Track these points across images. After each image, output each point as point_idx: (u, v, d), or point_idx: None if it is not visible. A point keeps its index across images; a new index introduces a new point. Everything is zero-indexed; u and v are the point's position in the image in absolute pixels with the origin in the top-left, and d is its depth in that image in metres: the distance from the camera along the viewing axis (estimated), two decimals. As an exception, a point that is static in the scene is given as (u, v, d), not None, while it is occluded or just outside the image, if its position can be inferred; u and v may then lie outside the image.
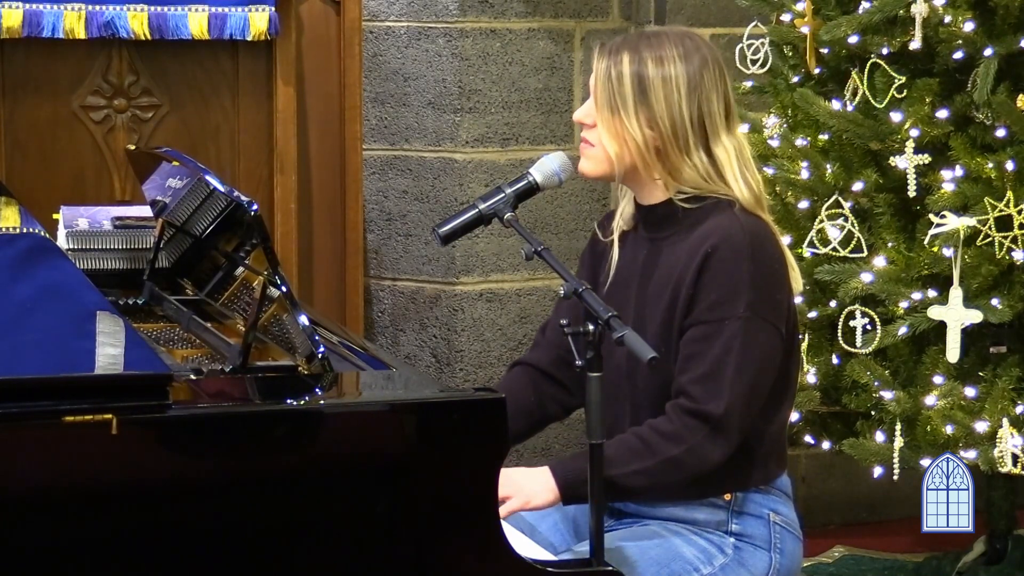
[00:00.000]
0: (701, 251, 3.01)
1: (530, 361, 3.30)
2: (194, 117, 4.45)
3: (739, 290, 2.99)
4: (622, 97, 3.05)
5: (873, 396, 4.19)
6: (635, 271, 3.14)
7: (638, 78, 3.05)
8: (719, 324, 2.99)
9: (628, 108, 3.05)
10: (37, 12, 4.25)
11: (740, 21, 4.72)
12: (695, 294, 3.01)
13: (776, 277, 3.05)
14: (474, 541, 2.68)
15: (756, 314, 2.99)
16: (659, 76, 3.05)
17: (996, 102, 4.06)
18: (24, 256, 2.97)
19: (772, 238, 3.09)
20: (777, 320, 3.03)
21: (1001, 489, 4.53)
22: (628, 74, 3.05)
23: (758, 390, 3.01)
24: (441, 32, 4.88)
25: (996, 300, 4.08)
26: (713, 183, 3.07)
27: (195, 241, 3.56)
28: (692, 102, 3.05)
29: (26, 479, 2.47)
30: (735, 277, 2.99)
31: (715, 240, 3.01)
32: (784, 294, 3.07)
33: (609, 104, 3.07)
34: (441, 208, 4.90)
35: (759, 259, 3.02)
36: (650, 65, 3.05)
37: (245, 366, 2.95)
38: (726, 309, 2.99)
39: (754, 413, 3.02)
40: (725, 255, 3.00)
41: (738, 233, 3.02)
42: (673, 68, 3.05)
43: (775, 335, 3.02)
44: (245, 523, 2.57)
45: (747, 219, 3.06)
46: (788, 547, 3.15)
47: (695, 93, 3.06)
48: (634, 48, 3.08)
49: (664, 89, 3.05)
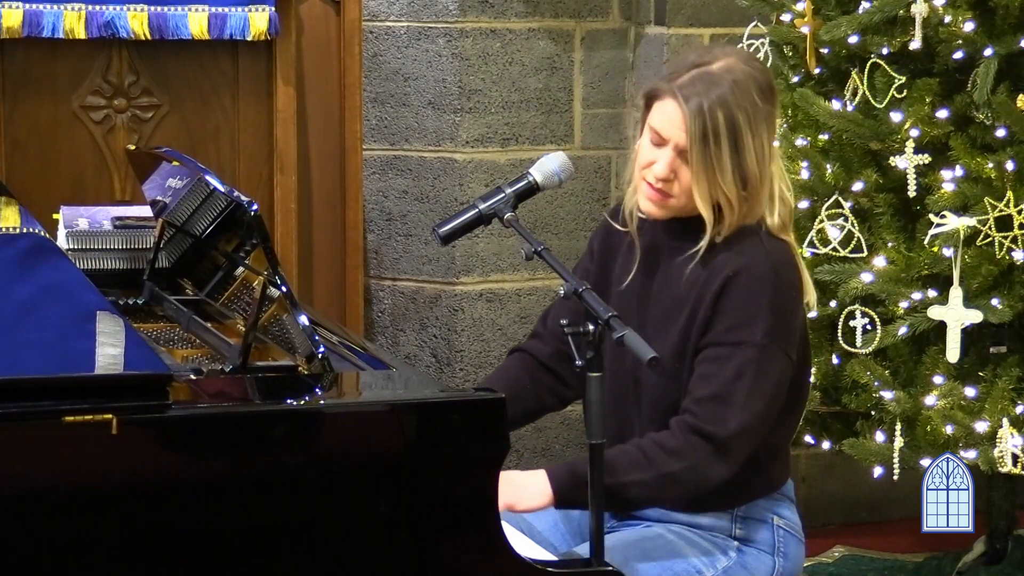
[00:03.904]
0: (723, 274, 3.00)
1: (529, 350, 3.29)
2: (194, 117, 4.45)
3: (758, 316, 2.98)
4: (720, 164, 2.98)
5: (873, 396, 4.19)
6: (649, 269, 3.13)
7: (733, 140, 2.97)
8: (734, 348, 2.98)
9: (726, 174, 2.98)
10: (37, 12, 4.25)
11: (740, 21, 4.72)
12: (713, 316, 3.00)
13: (793, 304, 3.05)
14: (474, 541, 2.68)
15: (772, 341, 2.98)
16: (749, 132, 2.97)
17: (996, 102, 4.06)
18: (24, 256, 2.97)
19: (793, 263, 3.08)
20: (790, 348, 3.03)
21: (1001, 489, 4.54)
22: (724, 136, 2.96)
23: (766, 419, 3.00)
24: (441, 32, 4.88)
25: (996, 300, 4.08)
26: (752, 215, 3.05)
27: (195, 241, 3.56)
28: (773, 148, 3.02)
29: (26, 479, 2.48)
30: (755, 303, 2.98)
31: (737, 266, 3.00)
32: (798, 320, 3.06)
33: (703, 163, 2.97)
34: (441, 208, 4.90)
35: (779, 287, 3.01)
36: (741, 123, 2.97)
37: (245, 366, 2.95)
38: (743, 333, 2.98)
39: (762, 438, 3.02)
40: (746, 280, 2.99)
41: (762, 260, 3.01)
42: (760, 117, 2.98)
43: (788, 363, 3.02)
44: (245, 523, 2.57)
45: (772, 244, 3.04)
46: (791, 551, 3.15)
47: (772, 137, 3.03)
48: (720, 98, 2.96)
49: (756, 150, 2.99)
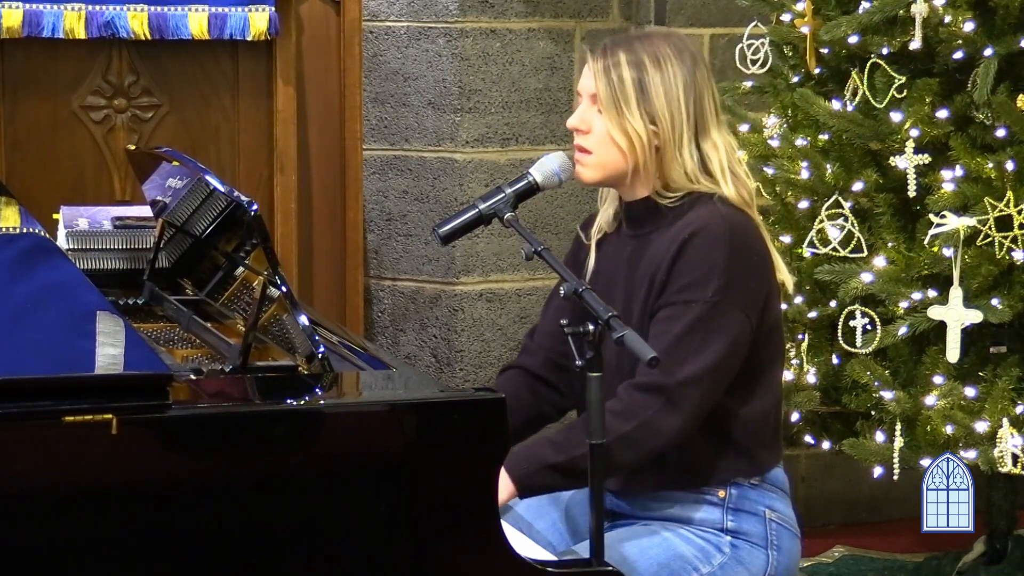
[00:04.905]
0: (679, 238, 3.04)
1: (521, 365, 3.31)
2: (194, 117, 4.45)
3: (711, 275, 3.00)
4: (624, 95, 3.07)
5: (873, 396, 4.19)
6: (619, 268, 3.16)
7: (638, 76, 3.08)
8: (686, 306, 3.00)
9: (631, 105, 3.07)
10: (37, 12, 4.25)
11: (740, 21, 4.72)
12: (668, 278, 3.03)
13: (751, 266, 3.06)
14: (474, 541, 2.68)
15: (725, 299, 3.00)
16: (658, 74, 3.08)
17: (996, 102, 4.06)
18: (24, 256, 2.98)
19: (753, 230, 3.11)
20: (748, 308, 3.03)
21: (1001, 489, 4.53)
22: (628, 73, 3.08)
23: (719, 372, 3.01)
24: (441, 32, 4.88)
25: (996, 300, 4.07)
26: (699, 183, 3.09)
27: (195, 241, 3.56)
28: (689, 98, 3.08)
29: (26, 479, 2.47)
30: (708, 262, 3.01)
31: (694, 227, 3.04)
32: (759, 284, 3.07)
33: (614, 102, 3.08)
34: (441, 208, 4.90)
35: (735, 247, 3.03)
36: (648, 64, 3.08)
37: (245, 366, 2.95)
38: (695, 292, 3.00)
39: (716, 394, 3.02)
40: (701, 241, 3.02)
41: (718, 221, 3.04)
42: (670, 66, 3.08)
43: (744, 322, 3.03)
44: (245, 523, 2.57)
45: (728, 210, 3.08)
46: (785, 544, 3.15)
47: (691, 90, 3.09)
48: (629, 48, 3.11)
49: (664, 85, 3.07)
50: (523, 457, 3.00)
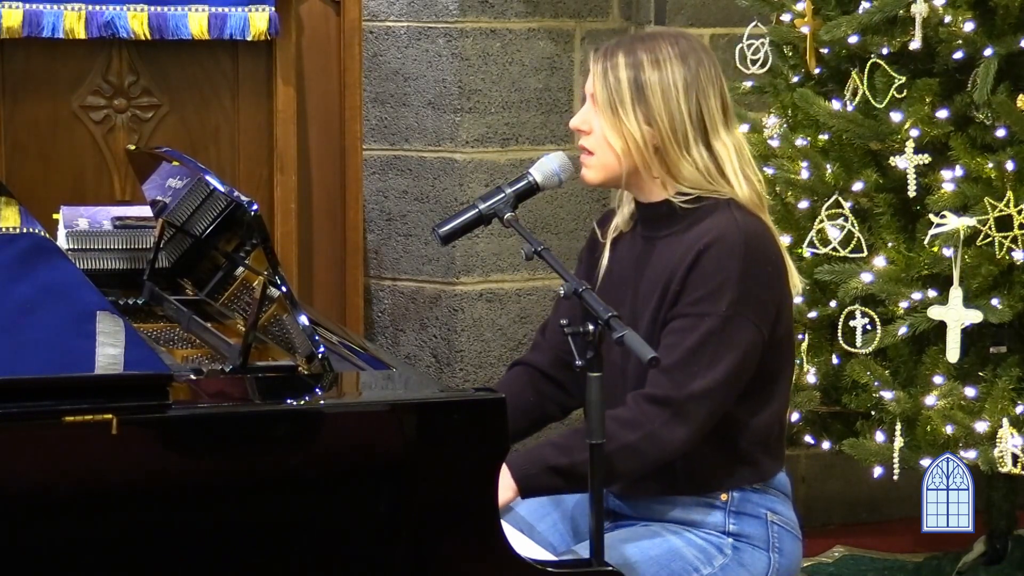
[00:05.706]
0: (695, 248, 3.02)
1: (530, 361, 3.31)
2: (194, 117, 4.45)
3: (725, 287, 2.99)
4: (620, 96, 3.07)
5: (873, 396, 4.19)
6: (631, 269, 3.15)
7: (635, 78, 3.07)
8: (699, 319, 2.99)
9: (626, 106, 3.06)
10: (37, 12, 4.25)
11: (740, 21, 4.72)
12: (682, 289, 3.02)
13: (766, 278, 3.05)
14: (474, 541, 2.68)
15: (738, 313, 2.99)
16: (655, 75, 3.07)
17: (996, 102, 4.06)
18: (24, 256, 2.98)
19: (769, 239, 3.09)
20: (761, 320, 3.02)
21: (1001, 489, 4.53)
22: (624, 74, 3.07)
23: (730, 386, 3.00)
24: (441, 32, 4.88)
25: (996, 300, 4.08)
26: (714, 182, 3.08)
27: (195, 241, 3.56)
28: (690, 99, 3.07)
29: (26, 479, 2.47)
30: (723, 274, 2.99)
31: (709, 238, 3.02)
32: (773, 295, 3.06)
33: (609, 104, 3.08)
34: (441, 208, 4.90)
35: (751, 259, 3.02)
36: (646, 65, 3.07)
37: (245, 366, 2.95)
38: (708, 305, 2.99)
39: (725, 407, 3.01)
40: (717, 252, 3.01)
41: (733, 232, 3.02)
42: (669, 67, 3.07)
43: (756, 334, 3.01)
44: (245, 523, 2.57)
45: (744, 218, 3.06)
46: (787, 547, 3.15)
47: (692, 90, 3.07)
48: (629, 50, 3.10)
49: (661, 86, 3.06)
50: (525, 458, 2.99)
